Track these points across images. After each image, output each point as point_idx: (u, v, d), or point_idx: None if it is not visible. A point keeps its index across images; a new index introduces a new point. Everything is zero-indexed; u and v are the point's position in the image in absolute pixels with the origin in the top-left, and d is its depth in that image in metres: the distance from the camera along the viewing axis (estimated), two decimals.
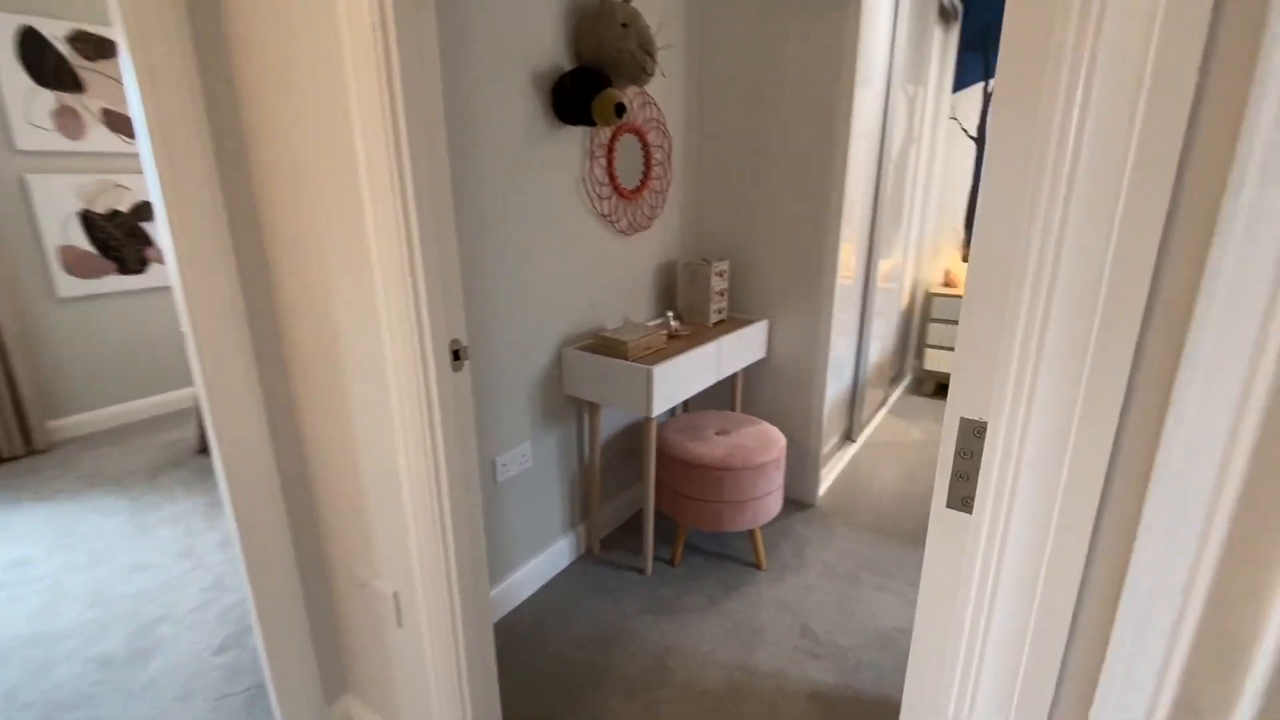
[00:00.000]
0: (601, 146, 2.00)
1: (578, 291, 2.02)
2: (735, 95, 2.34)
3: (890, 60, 2.65)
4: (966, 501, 0.66)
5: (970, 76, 3.68)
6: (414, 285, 0.96)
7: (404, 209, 0.94)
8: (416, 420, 1.03)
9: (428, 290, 0.97)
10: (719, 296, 2.38)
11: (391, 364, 1.02)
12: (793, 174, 2.29)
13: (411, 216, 0.94)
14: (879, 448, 3.13)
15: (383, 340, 1.02)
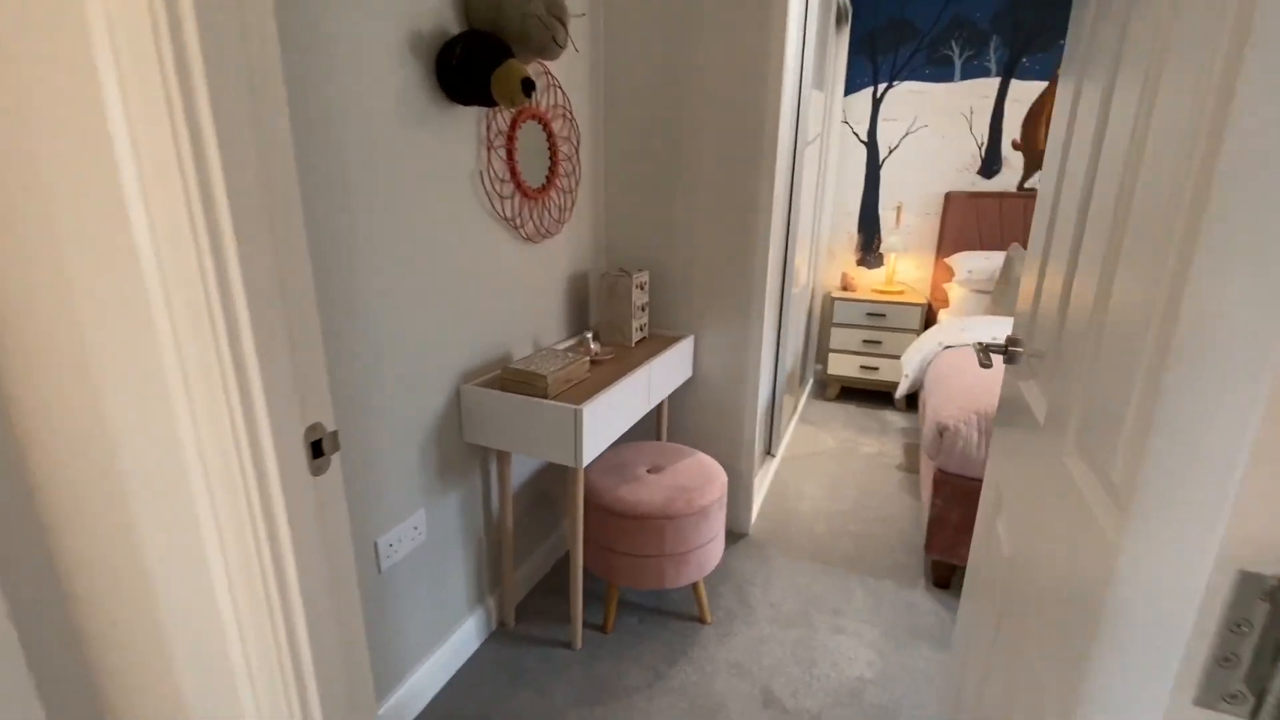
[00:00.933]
0: (501, 134, 1.62)
1: (477, 313, 1.63)
2: (648, 83, 2.06)
3: (801, 59, 2.51)
4: (1236, 699, 0.41)
5: (860, 80, 3.70)
6: (236, 360, 0.56)
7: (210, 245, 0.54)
8: (249, 560, 0.63)
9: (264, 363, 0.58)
10: (640, 312, 2.08)
11: (203, 486, 0.60)
12: (716, 173, 2.05)
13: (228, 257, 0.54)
14: (798, 461, 3.00)
15: (183, 450, 0.60)
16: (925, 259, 3.83)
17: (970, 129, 3.54)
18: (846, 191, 3.90)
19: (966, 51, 3.44)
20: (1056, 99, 0.98)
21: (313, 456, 0.64)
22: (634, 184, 2.18)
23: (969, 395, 2.01)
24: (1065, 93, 0.95)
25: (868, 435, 3.32)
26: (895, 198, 3.79)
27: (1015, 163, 3.50)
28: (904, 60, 3.57)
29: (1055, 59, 3.29)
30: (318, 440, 0.64)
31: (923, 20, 3.48)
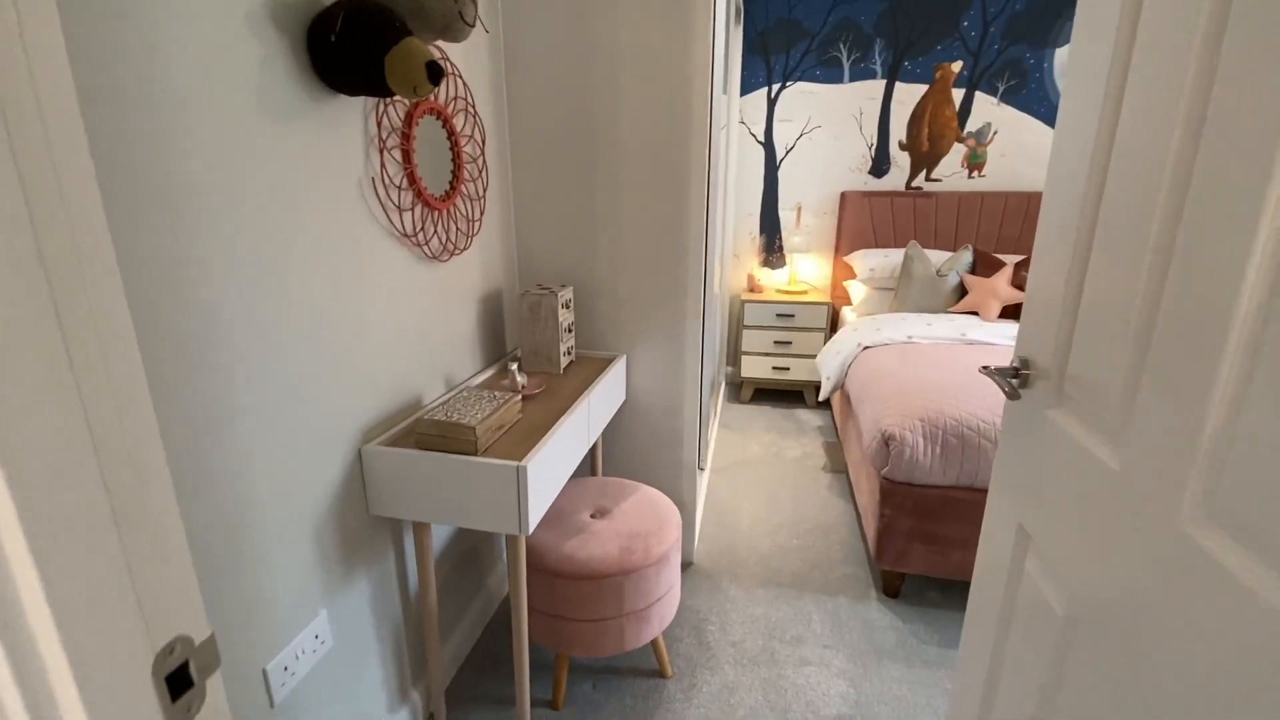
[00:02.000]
0: (395, 131, 1.31)
1: (375, 353, 1.31)
2: (558, 71, 1.82)
3: (713, 55, 2.37)
4: None
5: (754, 80, 3.67)
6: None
7: None
8: None
9: (56, 555, 0.29)
10: (567, 333, 1.84)
11: None
12: (640, 173, 1.86)
13: None
14: (728, 473, 2.90)
15: None
16: (825, 258, 3.90)
17: (860, 130, 3.63)
18: (746, 192, 3.88)
19: (854, 54, 3.52)
20: (1070, 74, 0.87)
21: (172, 698, 0.36)
22: (547, 188, 1.93)
23: (907, 401, 1.98)
24: (1095, 59, 0.85)
25: (788, 438, 3.30)
26: (794, 198, 3.82)
27: (902, 162, 3.64)
28: (795, 61, 3.59)
29: (933, 62, 3.44)
30: (180, 668, 0.36)
31: (811, 21, 3.51)
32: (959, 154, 3.56)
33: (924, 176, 3.64)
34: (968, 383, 2.08)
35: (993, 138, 3.50)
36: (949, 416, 1.87)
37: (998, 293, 2.89)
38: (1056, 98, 3.37)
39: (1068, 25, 3.26)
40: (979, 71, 3.42)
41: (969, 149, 3.55)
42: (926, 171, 3.63)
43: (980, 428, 1.83)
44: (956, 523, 1.88)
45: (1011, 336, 2.59)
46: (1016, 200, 3.46)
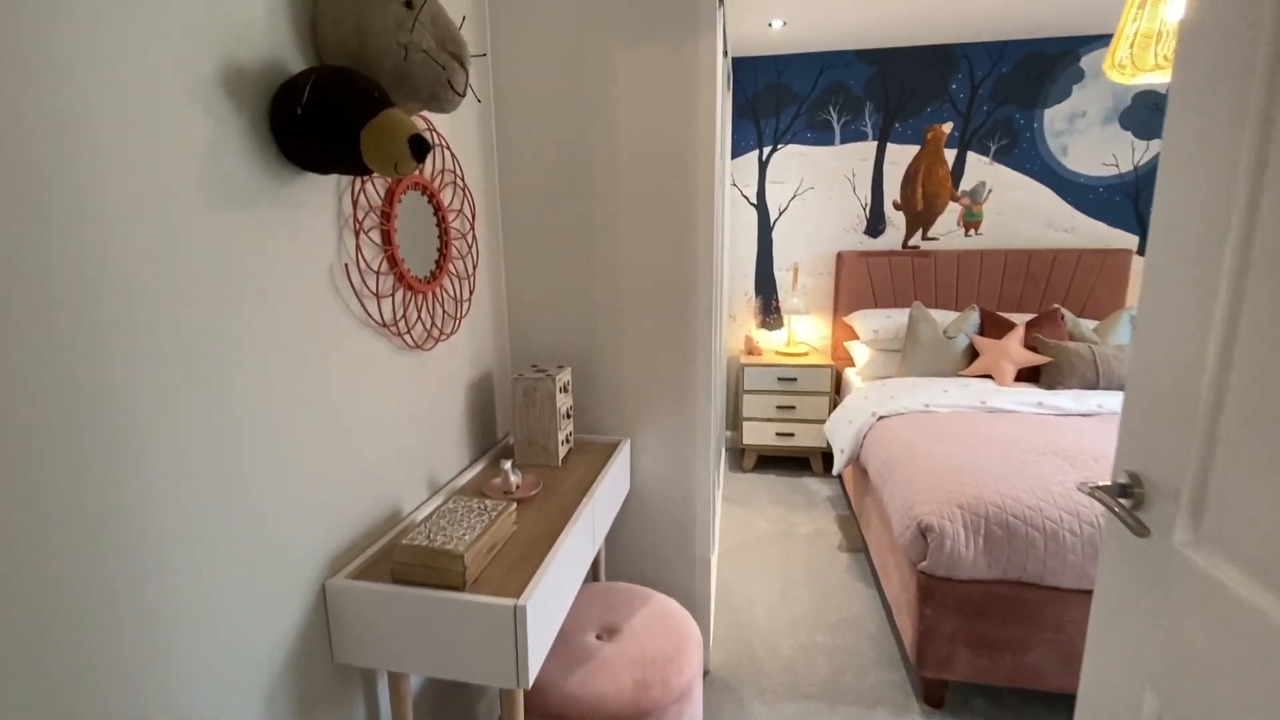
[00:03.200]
0: (374, 211, 1.16)
1: (346, 461, 1.12)
2: (553, 141, 1.70)
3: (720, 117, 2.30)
4: None
5: (745, 143, 3.64)
6: None
7: None
8: None
9: None
10: (566, 419, 1.65)
11: None
12: (642, 245, 1.72)
13: None
14: (737, 555, 2.68)
15: None
16: (824, 319, 3.79)
17: (854, 190, 3.60)
18: (740, 253, 3.80)
19: (844, 116, 3.51)
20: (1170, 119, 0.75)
21: None
22: (542, 263, 1.78)
23: (941, 484, 1.80)
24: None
25: (798, 511, 3.09)
26: (788, 258, 3.74)
27: (898, 222, 3.59)
28: (786, 124, 3.57)
29: (924, 124, 3.44)
30: None
31: (799, 86, 3.51)
32: (955, 213, 3.52)
33: (920, 235, 3.59)
34: (1002, 460, 1.91)
35: (988, 196, 3.47)
36: (990, 503, 1.69)
37: (1010, 355, 2.77)
38: (1048, 156, 3.37)
39: (1055, 87, 3.29)
40: (970, 132, 3.42)
41: (964, 207, 3.51)
42: (923, 230, 3.58)
43: (1026, 515, 1.65)
44: (1006, 623, 1.68)
45: (1035, 403, 2.45)
46: (1016, 257, 3.40)
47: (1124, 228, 3.38)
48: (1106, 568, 0.86)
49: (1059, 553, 1.62)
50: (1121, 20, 1.98)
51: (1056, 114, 3.33)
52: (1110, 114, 3.28)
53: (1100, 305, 3.34)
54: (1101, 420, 2.30)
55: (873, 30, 3.13)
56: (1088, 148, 3.33)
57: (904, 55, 3.39)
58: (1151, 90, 3.21)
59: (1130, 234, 3.38)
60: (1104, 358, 2.60)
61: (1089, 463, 1.88)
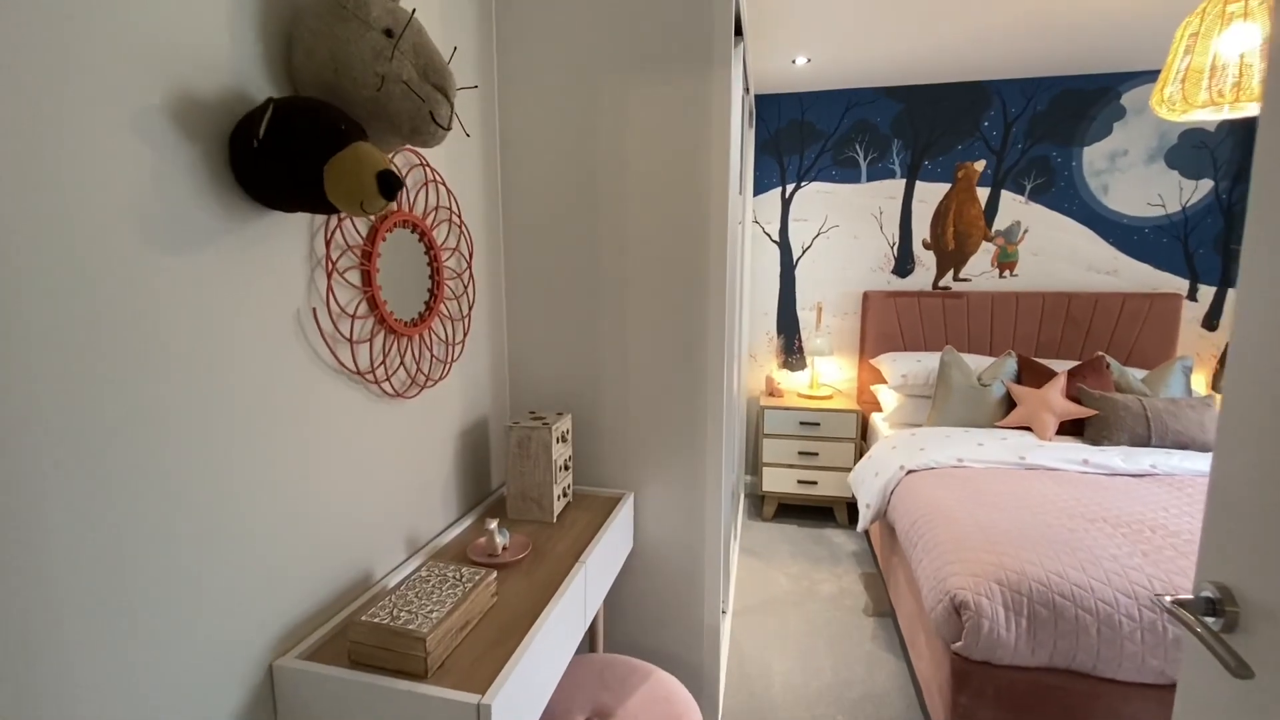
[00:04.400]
0: (353, 250, 1.08)
1: (311, 524, 1.01)
2: (559, 177, 1.63)
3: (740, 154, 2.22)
4: None
5: (767, 180, 3.56)
6: None
7: None
8: None
9: None
10: (564, 472, 1.54)
11: None
12: (651, 285, 1.62)
13: None
14: (753, 617, 2.49)
15: None
16: (849, 360, 3.63)
17: (881, 229, 3.47)
18: (761, 291, 3.68)
19: (871, 154, 3.42)
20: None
21: None
22: (545, 304, 1.69)
23: (976, 554, 1.62)
24: None
25: (820, 567, 2.89)
26: (811, 298, 3.61)
27: (928, 261, 3.45)
28: (810, 161, 3.49)
29: (954, 161, 3.32)
30: None
31: (824, 123, 3.44)
32: (988, 253, 3.37)
33: (952, 276, 3.43)
34: (1046, 527, 1.73)
35: (1023, 236, 3.32)
36: (1033, 579, 1.50)
37: (1051, 406, 2.57)
38: (1088, 195, 3.21)
39: (1093, 124, 3.15)
40: (1003, 170, 3.29)
41: (999, 248, 3.35)
42: (954, 271, 3.42)
43: (1075, 594, 1.47)
44: (1053, 716, 1.48)
45: (1080, 461, 2.25)
46: (1054, 301, 3.22)
47: (1172, 270, 3.18)
48: (1187, 701, 0.69)
49: (1114, 640, 1.42)
50: (1170, 56, 1.85)
51: (1096, 152, 3.18)
52: (1155, 153, 3.12)
53: (1147, 353, 3.12)
54: (1156, 482, 2.09)
55: (900, 67, 3.05)
56: (1131, 187, 3.17)
57: (933, 92, 3.30)
58: (1199, 128, 3.05)
59: (1180, 277, 3.18)
60: (1155, 411, 2.40)
61: (1145, 533, 1.69)
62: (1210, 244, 3.13)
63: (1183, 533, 1.67)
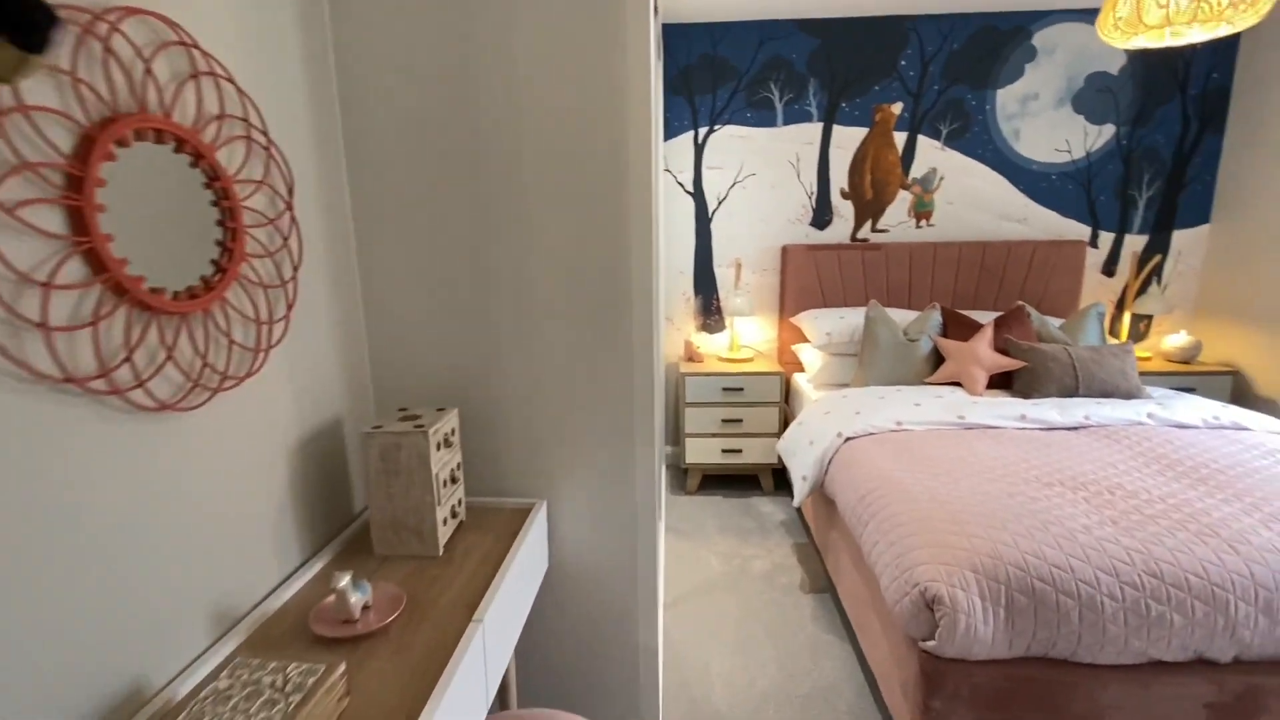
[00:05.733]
0: (38, 171, 0.63)
1: (14, 627, 0.59)
2: (431, 95, 1.19)
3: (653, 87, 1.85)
4: None
5: (678, 123, 3.22)
6: None
7: None
8: None
9: None
10: (450, 484, 1.16)
11: None
12: (560, 235, 1.24)
13: None
14: (686, 608, 2.25)
15: None
16: (769, 320, 3.43)
17: (799, 177, 3.25)
18: (677, 248, 3.37)
19: (786, 94, 3.15)
20: None
21: None
22: (418, 266, 1.27)
23: (944, 538, 1.43)
24: None
25: (750, 541, 2.70)
26: (730, 253, 3.35)
27: (846, 212, 3.27)
28: (723, 102, 3.17)
29: (872, 103, 3.13)
30: None
31: (738, 58, 3.12)
32: (905, 202, 3.24)
33: (870, 227, 3.28)
34: (1007, 496, 1.57)
35: (939, 184, 3.21)
36: (1010, 564, 1.33)
37: (981, 360, 2.48)
38: (1000, 141, 3.13)
39: (1006, 66, 3.05)
40: (920, 114, 3.14)
41: (915, 196, 3.23)
42: (872, 221, 3.28)
43: (1055, 577, 1.30)
44: (1031, 712, 1.33)
45: (1017, 416, 2.15)
46: (970, 251, 3.15)
47: (1077, 218, 3.20)
48: None
49: (1097, 623, 1.28)
50: None
51: (1009, 95, 3.09)
52: (1063, 97, 3.07)
53: (1058, 301, 3.14)
54: (1092, 435, 2.02)
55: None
56: (1040, 132, 3.12)
57: (849, 27, 3.06)
58: (1103, 71, 3.02)
59: (1083, 224, 3.20)
60: (1081, 361, 2.35)
61: (1105, 495, 1.57)
62: (1111, 191, 3.16)
63: (1141, 493, 1.57)
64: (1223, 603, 1.26)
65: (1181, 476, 1.67)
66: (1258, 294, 2.93)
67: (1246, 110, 2.96)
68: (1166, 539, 1.36)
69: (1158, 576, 1.29)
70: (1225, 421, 2.06)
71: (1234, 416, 2.09)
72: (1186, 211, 3.17)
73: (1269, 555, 1.30)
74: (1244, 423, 2.06)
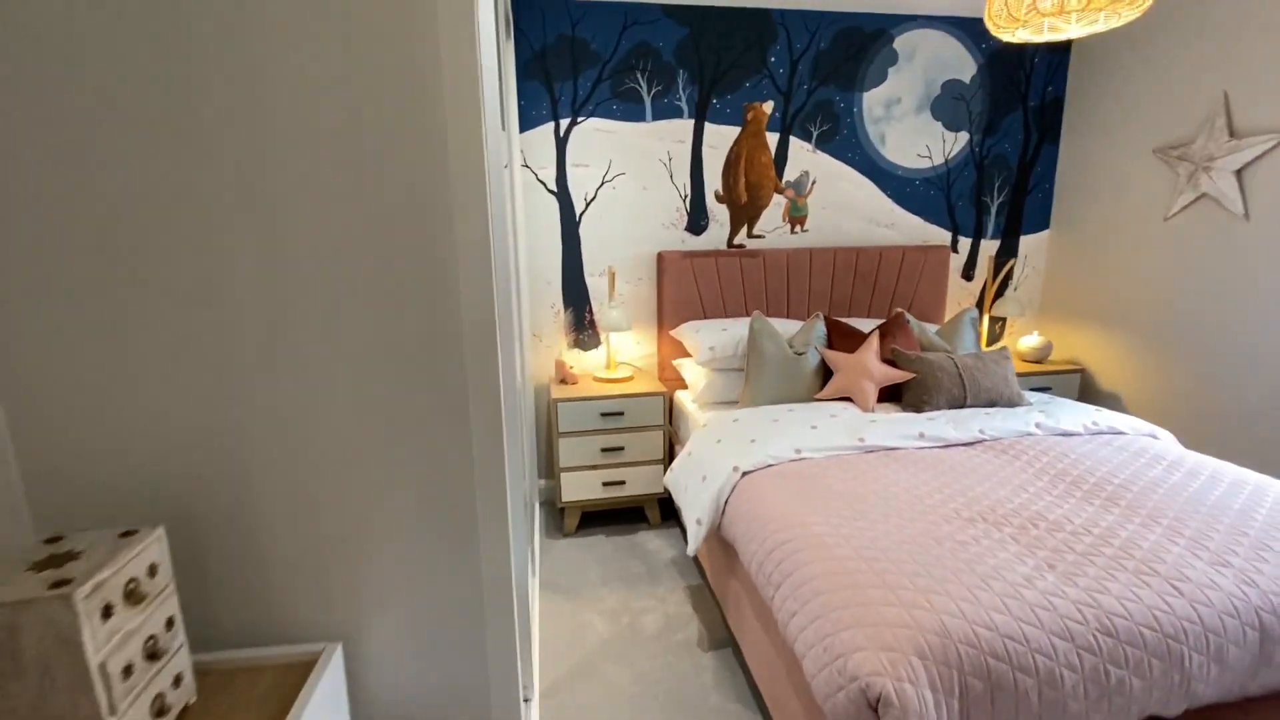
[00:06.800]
0: None
1: None
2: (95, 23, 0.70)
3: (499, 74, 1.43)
4: None
5: (536, 113, 2.82)
6: None
7: None
8: None
9: None
10: (145, 664, 0.67)
11: None
12: (357, 252, 0.80)
13: None
14: (566, 695, 1.85)
15: None
16: (647, 334, 3.13)
17: (671, 178, 2.98)
18: (542, 255, 2.97)
19: (655, 86, 2.87)
20: None
21: None
22: (95, 299, 0.77)
23: (880, 610, 1.16)
24: None
25: (639, 589, 2.36)
26: (601, 260, 3.01)
27: (722, 216, 3.06)
28: (586, 91, 2.83)
29: (743, 100, 2.94)
30: None
31: (600, 43, 2.79)
32: (780, 206, 3.09)
33: (746, 233, 3.10)
34: (931, 542, 1.35)
35: (812, 188, 3.10)
36: (960, 641, 1.08)
37: (870, 373, 2.34)
38: (868, 145, 3.08)
39: (872, 69, 3.00)
40: (791, 114, 3.00)
41: (789, 201, 3.10)
42: (749, 227, 3.09)
43: (1010, 652, 1.08)
44: None
45: (915, 435, 2.00)
46: (845, 256, 3.07)
47: (939, 223, 3.24)
48: None
49: (1058, 702, 1.07)
50: None
51: (874, 99, 3.05)
52: (923, 103, 3.08)
53: (926, 306, 3.15)
54: (990, 451, 1.91)
55: None
56: (904, 138, 3.11)
57: (718, 16, 2.85)
58: (958, 79, 3.07)
59: (945, 230, 3.25)
60: (967, 369, 2.28)
61: (1031, 530, 1.41)
62: (967, 197, 3.23)
63: (1064, 524, 1.42)
64: (1178, 657, 1.10)
65: (1091, 496, 1.57)
66: (1093, 295, 3.12)
67: (1077, 122, 3.15)
68: (1110, 583, 1.20)
69: (1112, 635, 1.11)
70: (1103, 427, 2.06)
71: (1109, 421, 2.09)
72: (1031, 217, 3.33)
73: (1210, 593, 1.17)
74: (1118, 426, 2.07)
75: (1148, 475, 1.67)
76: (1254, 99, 2.35)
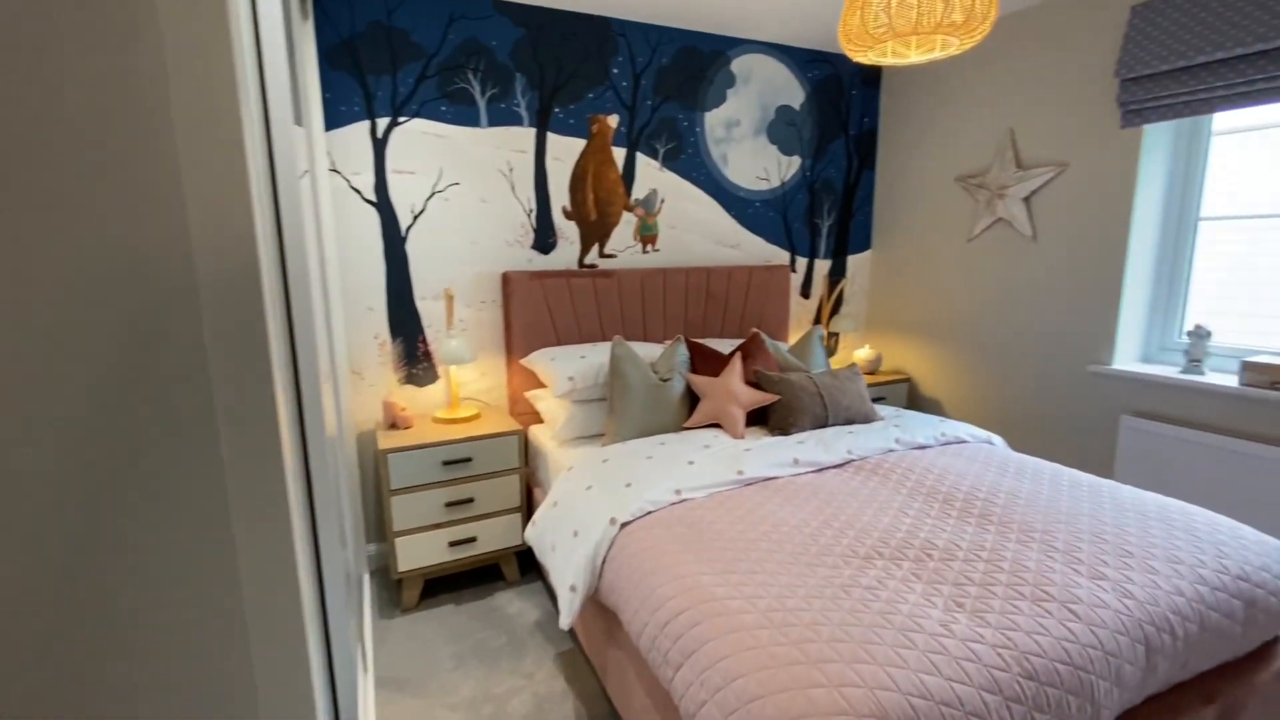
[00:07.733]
0: None
1: None
2: None
3: (288, 57, 1.04)
4: None
5: (347, 109, 2.38)
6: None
7: None
8: None
9: None
10: None
11: None
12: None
13: None
14: None
15: None
16: (494, 363, 2.79)
17: (514, 190, 2.69)
18: (360, 276, 2.50)
19: (490, 88, 2.57)
20: None
21: None
22: None
23: (812, 696, 0.99)
24: None
25: (501, 668, 2.01)
26: (436, 283, 2.62)
27: (571, 234, 2.84)
28: (408, 88, 2.45)
29: (587, 112, 2.76)
30: None
31: (422, 36, 2.43)
32: (631, 225, 2.95)
33: (598, 252, 2.91)
34: (838, 591, 1.23)
35: (661, 207, 3.00)
36: (896, 714, 0.94)
37: (738, 397, 2.25)
38: (712, 165, 3.07)
39: (711, 88, 2.99)
40: (637, 130, 2.88)
41: (639, 219, 2.97)
42: (600, 245, 2.91)
43: (946, 718, 0.96)
44: None
45: (790, 461, 1.92)
46: (696, 277, 3.01)
47: (778, 244, 3.32)
48: None
49: None
50: None
51: (715, 119, 3.04)
52: (759, 126, 3.15)
53: (772, 324, 3.21)
54: (860, 472, 1.89)
55: None
56: (745, 159, 3.15)
57: (555, 20, 2.64)
58: (789, 106, 3.18)
59: (783, 249, 3.34)
60: (826, 388, 2.29)
61: (929, 564, 1.35)
62: (802, 219, 3.36)
63: (955, 551, 1.39)
64: (1089, 689, 1.07)
65: (965, 515, 1.58)
66: (910, 310, 3.40)
67: (890, 152, 3.43)
68: (1016, 616, 1.16)
69: (1034, 678, 1.05)
70: (950, 437, 2.16)
71: (953, 430, 2.21)
72: (856, 238, 3.56)
73: (1101, 613, 1.17)
74: (960, 435, 2.19)
75: (1002, 485, 1.74)
76: (1034, 135, 2.69)
